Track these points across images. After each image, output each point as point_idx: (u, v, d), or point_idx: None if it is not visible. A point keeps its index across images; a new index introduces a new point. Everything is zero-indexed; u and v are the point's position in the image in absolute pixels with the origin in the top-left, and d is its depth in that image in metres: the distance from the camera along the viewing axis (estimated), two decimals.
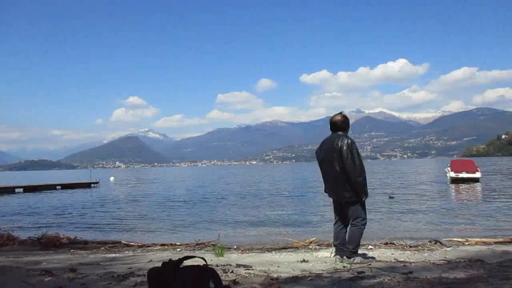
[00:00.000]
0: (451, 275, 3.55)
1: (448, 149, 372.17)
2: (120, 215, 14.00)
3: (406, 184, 25.82)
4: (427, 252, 5.32)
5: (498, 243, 6.11)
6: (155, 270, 2.37)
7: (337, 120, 4.50)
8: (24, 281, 3.47)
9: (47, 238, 7.42)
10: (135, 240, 8.29)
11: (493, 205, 13.34)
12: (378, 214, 11.76)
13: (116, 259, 5.29)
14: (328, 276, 3.63)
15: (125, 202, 19.27)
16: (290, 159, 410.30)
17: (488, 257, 4.59)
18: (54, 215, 14.49)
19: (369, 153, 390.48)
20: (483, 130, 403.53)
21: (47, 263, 4.81)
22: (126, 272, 3.86)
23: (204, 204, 16.99)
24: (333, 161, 4.31)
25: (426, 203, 14.59)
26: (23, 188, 30.12)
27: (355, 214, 4.30)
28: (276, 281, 3.37)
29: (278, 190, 23.85)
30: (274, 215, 12.57)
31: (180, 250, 6.53)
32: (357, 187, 4.21)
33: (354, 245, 4.31)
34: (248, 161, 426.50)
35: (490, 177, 28.13)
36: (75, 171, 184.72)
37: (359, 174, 4.20)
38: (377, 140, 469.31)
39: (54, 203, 19.28)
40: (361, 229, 4.30)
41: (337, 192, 4.38)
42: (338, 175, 4.29)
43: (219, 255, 5.22)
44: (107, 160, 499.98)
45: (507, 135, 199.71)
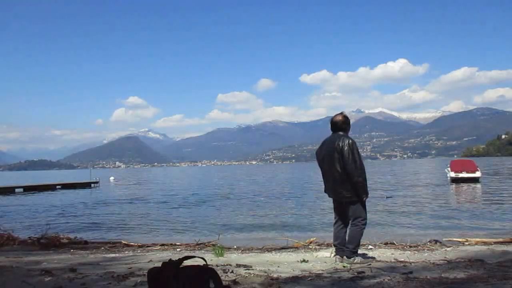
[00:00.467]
0: (451, 275, 3.55)
1: (448, 149, 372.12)
2: (120, 215, 14.00)
3: (406, 184, 25.82)
4: (427, 252, 5.31)
5: (498, 243, 6.11)
6: (155, 270, 2.37)
7: (338, 120, 4.50)
8: (24, 281, 3.47)
9: (47, 238, 7.42)
10: (135, 240, 8.29)
11: (493, 205, 13.34)
12: (378, 214, 11.76)
13: (116, 259, 5.29)
14: (328, 276, 3.63)
15: (125, 202, 19.27)
16: (290, 159, 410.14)
17: (488, 257, 4.59)
18: (54, 215, 14.49)
19: (369, 153, 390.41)
20: (483, 130, 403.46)
21: (47, 263, 4.81)
22: (126, 272, 3.86)
23: (204, 204, 17.00)
24: (334, 161, 4.31)
25: (426, 203, 14.60)
26: (23, 188, 30.16)
27: (355, 213, 4.30)
28: (276, 281, 3.36)
29: (278, 190, 23.86)
30: (274, 215, 12.57)
31: (180, 250, 6.53)
32: (358, 187, 4.23)
33: (354, 245, 4.31)
34: (248, 161, 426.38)
35: (490, 177, 28.14)
36: (75, 171, 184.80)
37: (360, 174, 4.21)
38: (377, 140, 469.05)
39: (54, 203, 19.29)
40: (362, 229, 4.31)
41: (337, 191, 4.38)
42: (339, 175, 4.29)
43: (219, 255, 5.22)
44: (107, 160, 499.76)
45: (507, 135, 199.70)
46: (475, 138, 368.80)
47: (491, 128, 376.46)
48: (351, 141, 4.28)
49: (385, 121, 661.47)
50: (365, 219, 4.34)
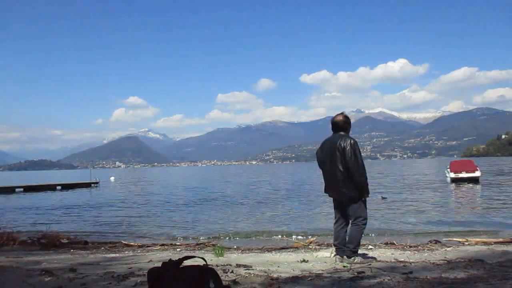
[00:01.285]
0: (451, 275, 3.55)
1: (448, 149, 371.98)
2: (120, 215, 14.00)
3: (406, 184, 25.81)
4: (427, 252, 5.32)
5: (498, 243, 6.11)
6: (155, 270, 2.37)
7: (339, 120, 4.51)
8: (24, 281, 3.47)
9: (47, 238, 7.42)
10: (135, 240, 8.30)
11: (493, 205, 13.34)
12: (378, 214, 11.76)
13: (116, 259, 5.29)
14: (328, 276, 3.63)
15: (125, 202, 19.27)
16: (290, 159, 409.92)
17: (488, 257, 4.59)
18: (54, 215, 14.50)
19: (369, 153, 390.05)
20: (483, 130, 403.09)
21: (47, 263, 4.81)
22: (126, 272, 3.86)
23: (204, 204, 17.00)
24: (336, 160, 4.31)
25: (426, 203, 14.59)
26: (23, 188, 30.16)
27: (356, 213, 4.31)
28: (276, 281, 3.37)
29: (278, 190, 23.86)
30: (274, 215, 12.57)
31: (180, 250, 6.54)
32: (361, 186, 4.26)
33: (354, 244, 4.32)
34: (248, 161, 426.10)
35: (490, 177, 28.13)
36: (75, 171, 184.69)
37: (362, 173, 4.24)
38: (377, 140, 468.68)
39: (54, 203, 19.29)
40: (362, 228, 4.31)
41: (339, 191, 4.38)
42: (341, 174, 4.29)
43: (219, 255, 5.22)
44: (107, 160, 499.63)
45: (507, 135, 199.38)
46: (475, 138, 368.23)
47: (491, 128, 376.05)
48: (353, 141, 4.31)
49: (385, 121, 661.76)
50: (366, 219, 4.35)
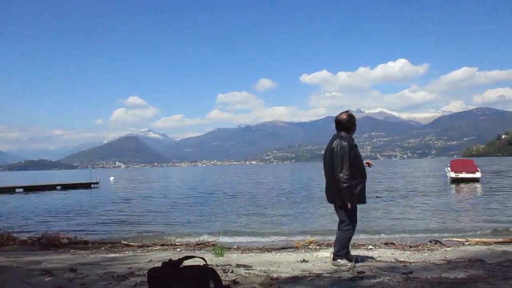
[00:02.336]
0: (451, 275, 3.55)
1: (448, 149, 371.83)
2: (120, 215, 14.00)
3: (405, 184, 25.82)
4: (427, 252, 5.32)
5: (498, 243, 6.12)
6: (155, 270, 2.37)
7: (342, 119, 4.37)
8: (24, 281, 3.47)
9: (47, 238, 7.42)
10: (135, 240, 8.30)
11: (493, 205, 13.35)
12: (378, 214, 11.76)
13: (116, 259, 5.30)
14: (328, 276, 3.63)
15: (125, 202, 19.27)
16: (290, 159, 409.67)
17: (488, 257, 4.59)
18: (54, 215, 14.49)
19: (369, 153, 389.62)
20: (483, 130, 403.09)
21: (47, 263, 4.81)
22: (126, 272, 3.86)
23: (204, 204, 17.00)
24: (327, 162, 4.27)
25: (426, 203, 14.59)
26: (23, 188, 30.14)
27: (341, 217, 4.24)
28: (276, 281, 3.37)
29: (278, 190, 23.86)
30: (274, 215, 12.57)
31: (180, 250, 6.54)
32: (340, 193, 4.08)
33: (336, 248, 4.25)
34: (248, 161, 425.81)
35: (490, 177, 28.13)
36: (75, 171, 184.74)
37: (344, 180, 4.03)
38: (377, 140, 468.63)
39: (54, 203, 19.29)
40: (346, 233, 4.18)
41: (327, 194, 4.37)
42: (328, 177, 4.26)
43: (219, 255, 5.22)
44: (107, 160, 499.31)
45: (507, 135, 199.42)
46: (475, 138, 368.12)
47: (491, 128, 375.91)
48: (344, 143, 4.12)
49: (385, 121, 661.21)
50: (350, 225, 4.16)
